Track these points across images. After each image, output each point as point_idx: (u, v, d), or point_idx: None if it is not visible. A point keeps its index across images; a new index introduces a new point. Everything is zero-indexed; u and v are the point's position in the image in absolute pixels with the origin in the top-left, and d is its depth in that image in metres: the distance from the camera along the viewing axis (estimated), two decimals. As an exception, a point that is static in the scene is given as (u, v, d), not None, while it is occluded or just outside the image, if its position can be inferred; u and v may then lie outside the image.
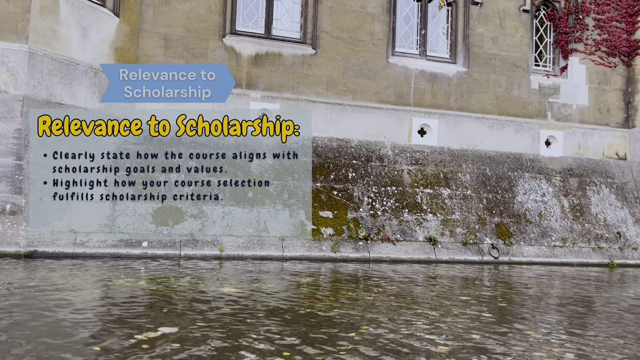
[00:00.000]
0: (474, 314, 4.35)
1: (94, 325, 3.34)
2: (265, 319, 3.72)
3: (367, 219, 7.98)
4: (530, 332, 3.81)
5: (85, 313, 3.68)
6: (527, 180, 9.31)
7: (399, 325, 3.75)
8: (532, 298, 5.51)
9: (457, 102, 9.38)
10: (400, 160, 8.80)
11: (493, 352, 3.18)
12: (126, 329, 3.23)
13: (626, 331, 4.04)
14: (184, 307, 3.99)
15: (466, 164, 9.13)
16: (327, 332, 3.46)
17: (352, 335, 3.38)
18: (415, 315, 4.16)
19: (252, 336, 3.22)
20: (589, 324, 4.38)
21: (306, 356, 2.88)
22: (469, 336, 3.55)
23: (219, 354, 2.82)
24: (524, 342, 3.49)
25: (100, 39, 7.50)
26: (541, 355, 3.18)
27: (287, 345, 3.07)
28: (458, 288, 5.91)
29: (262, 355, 2.82)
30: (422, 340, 3.38)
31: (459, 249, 8.13)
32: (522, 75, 9.75)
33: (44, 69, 6.68)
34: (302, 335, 3.36)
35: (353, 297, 4.82)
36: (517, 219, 8.82)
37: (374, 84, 9.00)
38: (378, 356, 2.93)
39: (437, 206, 8.48)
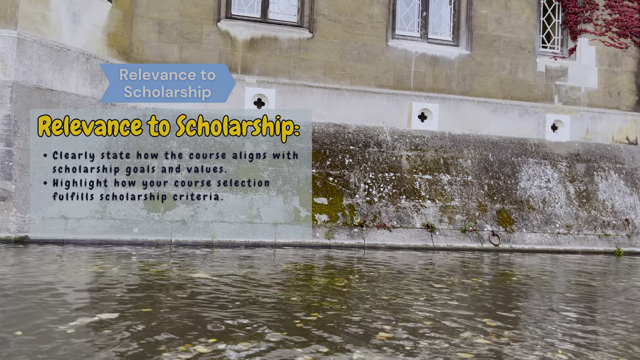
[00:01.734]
0: (440, 301, 4.21)
1: (29, 310, 3.26)
2: (218, 307, 3.64)
3: (363, 206, 7.85)
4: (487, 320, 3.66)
5: (27, 299, 3.58)
6: (532, 166, 9.05)
7: (350, 311, 3.64)
8: (516, 286, 5.34)
9: (459, 86, 9.14)
10: (399, 145, 8.62)
11: (412, 347, 3.05)
12: (63, 314, 3.17)
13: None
14: (143, 294, 3.93)
15: (468, 149, 8.91)
16: (270, 316, 3.37)
17: (296, 322, 3.28)
18: (373, 301, 4.04)
19: (186, 322, 3.14)
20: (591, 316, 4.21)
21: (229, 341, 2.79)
22: (413, 324, 3.43)
23: (135, 340, 2.74)
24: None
25: (93, 25, 7.45)
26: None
27: (217, 332, 2.99)
28: (439, 274, 5.76)
29: (183, 342, 2.73)
30: (363, 325, 3.27)
31: (458, 236, 7.96)
32: (527, 58, 9.44)
33: (34, 55, 6.66)
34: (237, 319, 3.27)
35: (323, 284, 4.71)
36: (519, 205, 8.60)
37: (372, 67, 8.81)
38: (308, 341, 2.83)
39: (436, 192, 8.30)
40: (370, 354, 2.72)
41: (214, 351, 2.61)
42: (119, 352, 2.53)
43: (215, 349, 2.65)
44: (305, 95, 8.48)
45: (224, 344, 2.74)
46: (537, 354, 2.86)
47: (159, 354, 2.52)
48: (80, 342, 2.65)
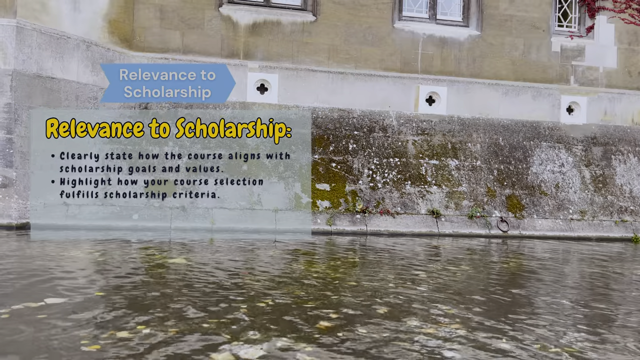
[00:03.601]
0: (414, 290, 4.08)
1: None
2: (178, 291, 3.59)
3: (367, 192, 7.71)
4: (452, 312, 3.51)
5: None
6: (545, 150, 8.73)
7: (303, 297, 3.55)
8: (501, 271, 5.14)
9: (468, 68, 8.85)
10: (405, 130, 8.42)
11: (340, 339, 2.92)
12: (11, 298, 3.17)
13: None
14: (107, 279, 3.90)
15: (477, 133, 8.65)
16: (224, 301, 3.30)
17: (243, 306, 3.21)
18: (336, 287, 3.93)
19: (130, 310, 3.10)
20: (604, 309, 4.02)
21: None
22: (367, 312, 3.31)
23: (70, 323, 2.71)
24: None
25: (93, 12, 7.46)
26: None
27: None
28: (427, 261, 5.60)
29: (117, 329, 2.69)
30: (314, 311, 3.18)
31: (464, 222, 7.75)
32: (542, 37, 9.07)
33: (33, 43, 6.71)
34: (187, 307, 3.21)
35: (299, 269, 4.61)
36: (530, 190, 8.32)
37: (378, 50, 8.60)
38: (239, 330, 2.75)
39: (443, 178, 8.09)
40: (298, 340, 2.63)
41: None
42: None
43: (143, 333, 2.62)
44: (309, 80, 8.34)
45: (149, 329, 2.71)
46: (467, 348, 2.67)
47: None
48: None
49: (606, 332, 3.14)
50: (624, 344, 2.90)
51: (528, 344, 2.79)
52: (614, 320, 3.46)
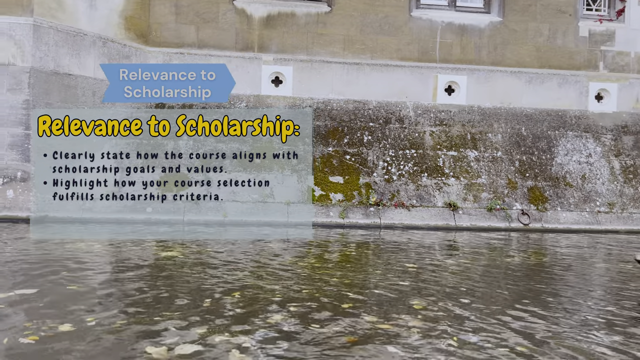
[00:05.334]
0: (389, 285, 3.94)
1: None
2: (150, 284, 3.59)
3: (381, 184, 7.58)
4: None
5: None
6: (570, 140, 8.37)
7: (268, 291, 3.48)
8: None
9: (489, 55, 8.56)
10: (423, 121, 8.23)
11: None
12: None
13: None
14: (86, 271, 3.94)
15: (498, 123, 8.36)
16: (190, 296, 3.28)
17: (206, 300, 3.16)
18: (312, 282, 3.84)
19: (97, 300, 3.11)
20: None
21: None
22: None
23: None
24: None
25: (110, 9, 7.59)
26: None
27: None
28: (428, 254, 5.43)
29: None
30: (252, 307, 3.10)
31: (483, 215, 7.52)
32: (568, 22, 8.68)
33: (50, 41, 6.87)
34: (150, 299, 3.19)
35: (287, 263, 4.55)
36: (554, 182, 7.99)
37: (395, 40, 8.42)
38: (196, 321, 2.70)
39: (461, 169, 7.87)
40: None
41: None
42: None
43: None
44: (324, 71, 8.26)
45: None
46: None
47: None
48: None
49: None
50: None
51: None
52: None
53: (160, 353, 2.29)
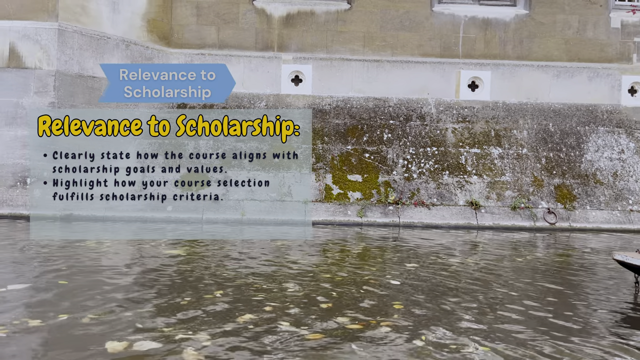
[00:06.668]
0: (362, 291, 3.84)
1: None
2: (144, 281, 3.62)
3: (400, 182, 7.47)
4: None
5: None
6: (601, 135, 8.03)
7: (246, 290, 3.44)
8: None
9: (515, 49, 8.31)
10: (445, 118, 8.06)
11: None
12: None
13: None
14: (80, 268, 4.01)
15: (524, 119, 8.11)
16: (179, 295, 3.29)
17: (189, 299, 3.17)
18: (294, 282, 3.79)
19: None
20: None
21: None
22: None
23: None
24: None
25: (132, 12, 7.76)
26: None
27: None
28: (434, 255, 5.29)
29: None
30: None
31: (507, 213, 7.30)
32: (599, 13, 8.34)
33: (75, 45, 7.08)
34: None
35: (279, 262, 4.52)
36: (583, 179, 7.68)
37: (416, 36, 8.29)
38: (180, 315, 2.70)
39: (484, 167, 7.67)
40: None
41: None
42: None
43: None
44: (343, 69, 8.20)
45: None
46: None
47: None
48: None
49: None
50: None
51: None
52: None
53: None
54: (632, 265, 3.62)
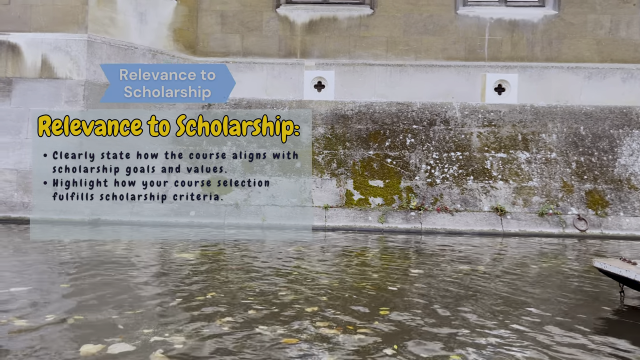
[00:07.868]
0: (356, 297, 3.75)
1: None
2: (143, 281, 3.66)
3: (423, 188, 7.35)
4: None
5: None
6: (637, 139, 7.69)
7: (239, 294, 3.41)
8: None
9: (543, 51, 8.08)
10: (470, 122, 7.90)
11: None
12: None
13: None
14: (87, 271, 4.10)
15: (553, 123, 7.86)
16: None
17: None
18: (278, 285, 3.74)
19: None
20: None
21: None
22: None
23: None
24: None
25: (159, 22, 7.98)
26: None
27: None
28: (447, 262, 5.14)
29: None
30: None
31: (534, 220, 7.07)
32: (632, 12, 8.02)
33: (103, 55, 7.33)
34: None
35: (276, 267, 4.50)
36: (617, 185, 7.37)
37: (440, 40, 8.18)
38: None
39: (511, 172, 7.47)
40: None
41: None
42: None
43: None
44: (366, 74, 8.17)
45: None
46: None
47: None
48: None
49: None
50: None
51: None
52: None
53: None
54: (612, 274, 3.33)
